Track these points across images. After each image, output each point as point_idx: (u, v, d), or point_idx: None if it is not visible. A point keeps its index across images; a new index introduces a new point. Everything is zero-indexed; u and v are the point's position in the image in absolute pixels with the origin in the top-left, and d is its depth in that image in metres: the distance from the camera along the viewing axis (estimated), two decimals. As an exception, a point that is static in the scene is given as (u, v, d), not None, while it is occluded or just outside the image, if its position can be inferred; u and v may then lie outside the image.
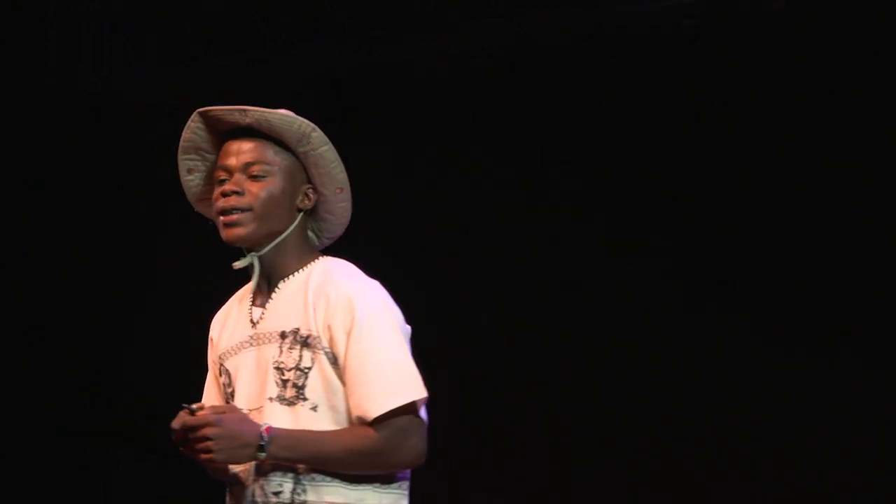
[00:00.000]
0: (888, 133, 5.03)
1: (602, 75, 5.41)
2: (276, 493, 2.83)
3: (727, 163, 5.28)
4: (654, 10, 5.28)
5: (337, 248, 3.08)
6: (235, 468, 2.88)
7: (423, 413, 2.85)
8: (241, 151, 2.94)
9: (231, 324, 3.05)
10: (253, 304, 3.00)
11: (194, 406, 2.82)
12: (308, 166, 2.95)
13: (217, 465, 2.83)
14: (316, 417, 2.83)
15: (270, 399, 2.87)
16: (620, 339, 5.38)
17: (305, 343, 2.87)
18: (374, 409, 2.79)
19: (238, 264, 2.97)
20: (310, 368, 2.85)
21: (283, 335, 2.90)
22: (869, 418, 5.02)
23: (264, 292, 2.98)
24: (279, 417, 2.84)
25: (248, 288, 3.03)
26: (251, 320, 2.97)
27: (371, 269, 2.98)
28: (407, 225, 5.58)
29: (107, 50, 6.18)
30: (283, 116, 2.93)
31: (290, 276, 2.95)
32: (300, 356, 2.87)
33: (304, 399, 2.85)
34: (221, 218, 2.93)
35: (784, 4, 5.03)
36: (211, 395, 3.10)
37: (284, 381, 2.86)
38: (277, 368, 2.88)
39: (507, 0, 5.43)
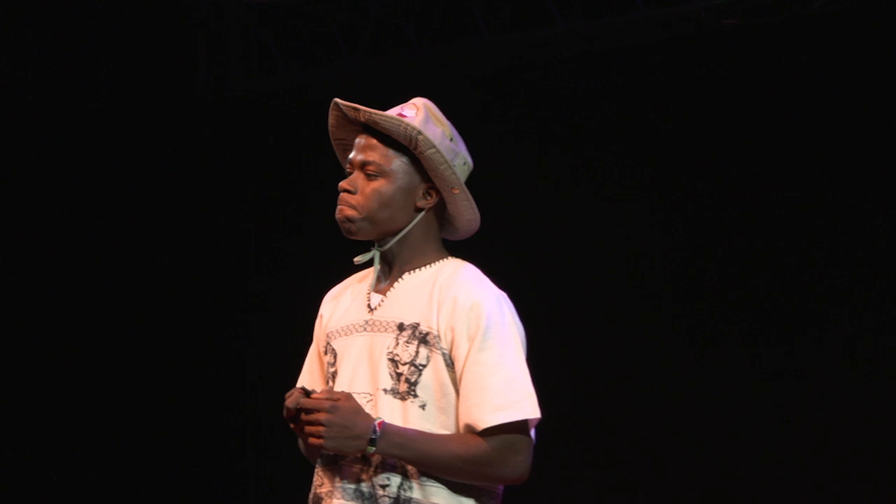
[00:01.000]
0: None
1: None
2: (384, 486, 2.83)
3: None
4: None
5: (462, 248, 3.07)
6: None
7: (532, 432, 2.83)
8: (362, 148, 2.95)
9: (344, 304, 3.03)
10: (373, 289, 2.98)
11: (309, 389, 2.84)
12: (425, 167, 2.92)
13: (324, 451, 2.84)
14: (423, 416, 2.83)
15: (384, 391, 2.85)
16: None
17: (424, 340, 2.86)
18: (486, 420, 2.78)
19: (359, 259, 2.98)
20: (424, 366, 2.84)
21: (401, 327, 2.88)
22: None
23: (386, 281, 2.97)
24: (389, 410, 2.83)
25: (370, 272, 3.01)
26: (368, 305, 2.96)
27: (498, 274, 2.98)
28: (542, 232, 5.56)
29: (254, 51, 6.27)
30: (389, 119, 2.91)
31: (416, 270, 2.94)
32: (416, 352, 2.86)
33: (415, 396, 2.84)
34: (336, 212, 2.95)
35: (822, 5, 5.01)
36: (312, 371, 3.09)
37: (398, 375, 2.85)
38: (392, 360, 2.87)
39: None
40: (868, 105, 5.07)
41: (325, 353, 3.02)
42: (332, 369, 2.98)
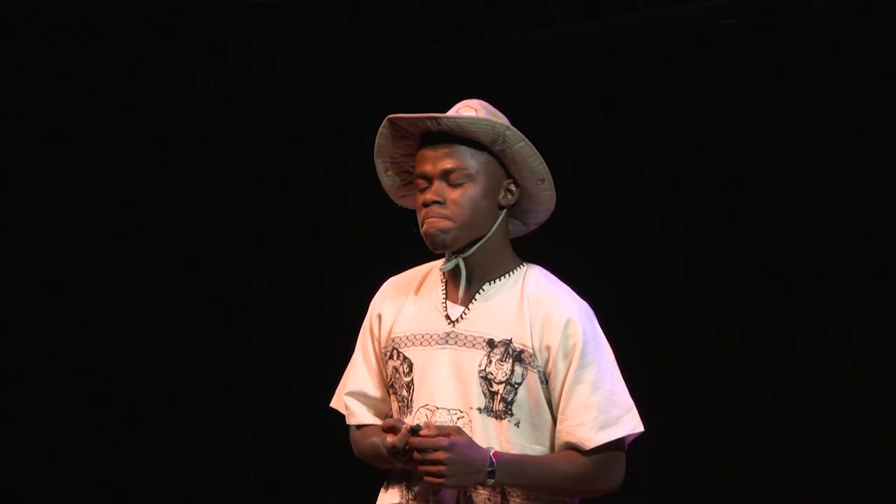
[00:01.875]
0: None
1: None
2: (489, 500, 2.85)
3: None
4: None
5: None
6: None
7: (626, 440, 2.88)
8: (438, 158, 2.88)
9: (411, 308, 2.97)
10: (447, 297, 2.93)
11: (414, 424, 2.79)
12: (506, 163, 2.88)
13: (444, 487, 2.81)
14: (518, 433, 2.84)
15: (479, 410, 2.84)
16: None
17: (518, 358, 2.84)
18: (593, 440, 2.81)
19: (445, 267, 2.91)
20: (520, 384, 2.83)
21: (491, 343, 2.86)
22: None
23: (464, 290, 2.91)
24: (484, 429, 2.83)
25: (433, 275, 2.98)
26: (447, 316, 2.91)
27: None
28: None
29: (254, 51, 6.29)
30: (475, 120, 2.86)
31: (496, 280, 2.91)
32: (511, 370, 2.84)
33: (511, 414, 2.84)
34: (425, 227, 2.88)
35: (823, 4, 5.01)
36: (370, 369, 3.02)
37: (493, 393, 2.84)
38: (485, 378, 2.84)
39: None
40: (868, 105, 5.07)
41: (391, 357, 2.96)
42: (406, 378, 2.93)
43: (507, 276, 2.91)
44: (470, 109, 2.91)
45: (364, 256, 6.20)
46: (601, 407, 2.81)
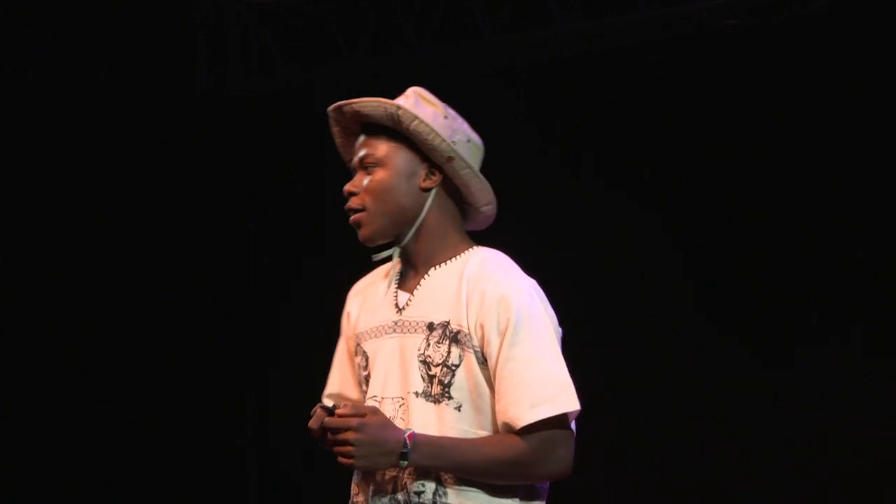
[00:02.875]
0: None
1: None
2: (419, 494, 2.74)
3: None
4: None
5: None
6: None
7: (573, 424, 2.74)
8: (357, 147, 2.88)
9: (372, 302, 2.94)
10: (399, 287, 2.89)
11: (331, 405, 2.72)
12: (417, 143, 2.82)
13: (356, 469, 2.76)
14: (459, 417, 2.74)
15: (416, 394, 2.76)
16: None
17: (455, 339, 2.76)
18: (524, 418, 2.68)
19: (377, 256, 2.90)
20: (457, 366, 2.75)
21: (430, 327, 2.79)
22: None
23: (412, 277, 2.87)
24: (422, 414, 2.75)
25: (396, 268, 2.92)
26: (396, 304, 2.87)
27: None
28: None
29: (254, 51, 6.29)
30: (367, 102, 2.83)
31: (442, 265, 2.84)
32: (448, 352, 2.76)
33: (450, 398, 2.74)
34: (350, 221, 2.87)
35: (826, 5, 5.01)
36: (343, 371, 3.02)
37: (431, 377, 2.76)
38: (423, 362, 2.77)
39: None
40: (868, 105, 5.07)
41: (356, 354, 2.94)
42: (364, 373, 2.90)
43: (453, 259, 2.84)
44: (404, 97, 2.86)
45: (364, 256, 6.20)
46: (533, 385, 2.68)
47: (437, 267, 2.84)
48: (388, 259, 2.89)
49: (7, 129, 6.07)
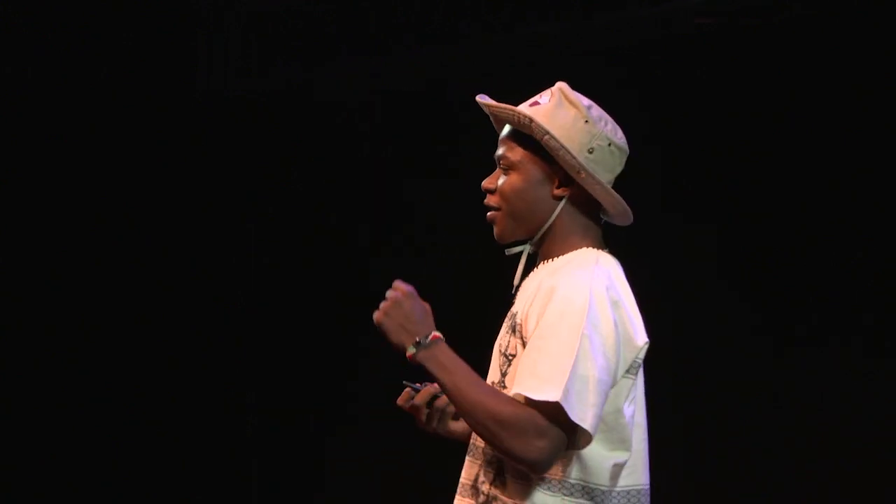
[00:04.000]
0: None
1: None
2: (481, 482, 2.79)
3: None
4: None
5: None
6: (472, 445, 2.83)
7: (571, 427, 2.66)
8: (499, 142, 2.92)
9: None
10: (521, 283, 2.93)
11: (417, 385, 2.82)
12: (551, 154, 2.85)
13: (376, 325, 2.75)
14: None
15: (492, 384, 2.80)
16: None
17: (514, 329, 2.80)
18: (513, 389, 2.68)
19: (510, 251, 2.93)
20: (514, 356, 2.77)
21: (510, 317, 2.85)
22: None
23: (531, 275, 2.92)
24: None
25: (521, 266, 2.96)
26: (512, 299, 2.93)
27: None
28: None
29: (254, 51, 6.29)
30: (503, 109, 2.87)
31: (550, 261, 2.87)
32: (509, 342, 2.80)
33: (504, 387, 2.77)
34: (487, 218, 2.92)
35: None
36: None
37: (501, 367, 2.81)
38: (501, 353, 2.82)
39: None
40: (868, 105, 5.07)
41: None
42: None
43: (561, 256, 2.86)
44: (548, 93, 2.89)
45: (364, 256, 6.20)
46: (532, 364, 2.66)
47: (545, 262, 2.88)
48: (520, 254, 2.92)
49: (7, 129, 6.07)
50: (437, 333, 2.71)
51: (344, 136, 6.24)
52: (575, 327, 2.68)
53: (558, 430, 2.65)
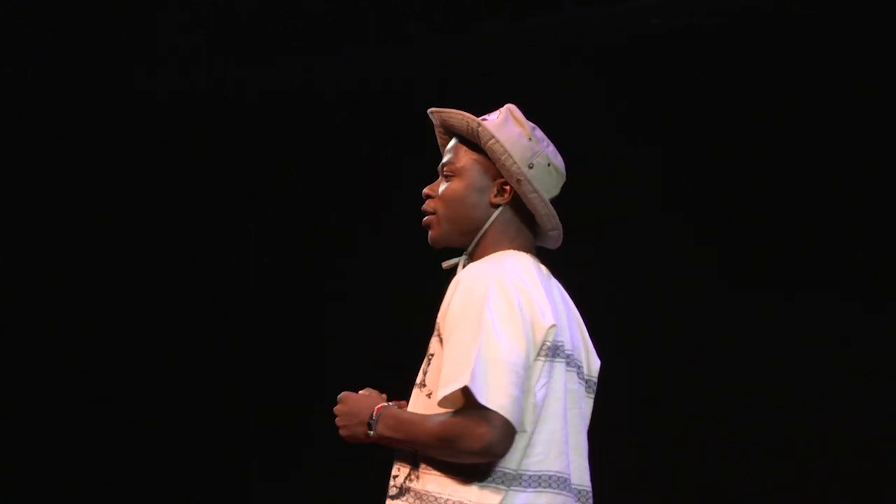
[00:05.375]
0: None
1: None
2: (394, 477, 2.89)
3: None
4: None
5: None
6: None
7: (498, 406, 2.72)
8: (444, 151, 3.02)
9: None
10: None
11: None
12: (492, 160, 2.95)
13: (346, 438, 2.89)
14: (429, 404, 2.82)
15: (415, 384, 2.91)
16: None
17: (434, 329, 2.88)
18: (438, 396, 2.77)
19: (446, 264, 3.02)
20: (433, 356, 2.86)
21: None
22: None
23: None
24: (413, 403, 2.89)
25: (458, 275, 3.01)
26: None
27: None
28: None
29: (253, 50, 6.29)
30: (452, 113, 2.98)
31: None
32: (430, 342, 2.89)
33: (423, 385, 2.87)
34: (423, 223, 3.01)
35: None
36: None
37: (423, 367, 2.90)
38: (426, 355, 2.92)
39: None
40: (868, 105, 5.07)
41: None
42: None
43: (481, 259, 2.95)
44: (497, 112, 2.99)
45: (364, 256, 6.20)
46: (453, 362, 2.75)
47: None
48: (455, 266, 3.00)
49: (7, 129, 6.07)
50: (378, 406, 2.84)
51: (344, 136, 6.24)
52: (476, 315, 2.77)
53: (481, 410, 2.73)
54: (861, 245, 5.08)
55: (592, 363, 3.04)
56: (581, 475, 2.93)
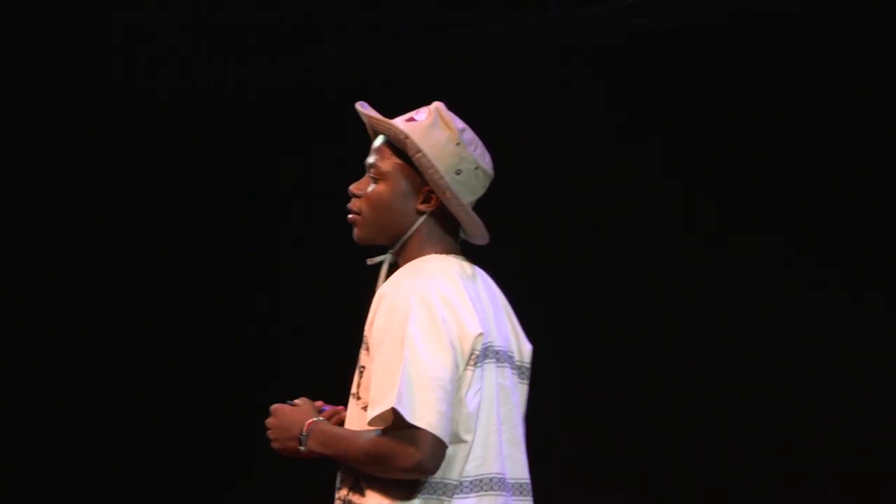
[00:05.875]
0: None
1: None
2: (338, 490, 2.90)
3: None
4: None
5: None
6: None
7: (426, 424, 2.74)
8: (371, 152, 3.00)
9: None
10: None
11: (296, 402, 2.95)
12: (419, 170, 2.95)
13: (278, 451, 2.91)
14: (364, 416, 2.82)
15: (350, 395, 2.91)
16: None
17: (363, 341, 2.89)
18: (369, 417, 2.78)
19: (371, 261, 3.04)
20: (365, 368, 2.86)
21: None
22: None
23: None
24: (350, 415, 2.89)
25: (382, 277, 3.05)
26: None
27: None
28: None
29: (251, 50, 6.30)
30: (381, 122, 2.97)
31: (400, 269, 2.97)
32: (360, 354, 2.89)
33: (358, 398, 2.87)
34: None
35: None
36: None
37: (355, 379, 2.90)
38: (357, 366, 2.92)
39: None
40: (868, 105, 5.06)
41: None
42: None
43: (406, 265, 2.96)
44: (425, 111, 2.97)
45: (364, 256, 6.19)
46: (380, 383, 2.77)
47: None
48: (380, 264, 3.02)
49: (7, 129, 6.07)
50: (309, 421, 2.87)
51: (344, 135, 6.24)
52: (398, 333, 2.78)
53: (408, 430, 2.74)
54: (861, 245, 5.08)
55: (524, 349, 3.03)
56: (517, 468, 2.94)
